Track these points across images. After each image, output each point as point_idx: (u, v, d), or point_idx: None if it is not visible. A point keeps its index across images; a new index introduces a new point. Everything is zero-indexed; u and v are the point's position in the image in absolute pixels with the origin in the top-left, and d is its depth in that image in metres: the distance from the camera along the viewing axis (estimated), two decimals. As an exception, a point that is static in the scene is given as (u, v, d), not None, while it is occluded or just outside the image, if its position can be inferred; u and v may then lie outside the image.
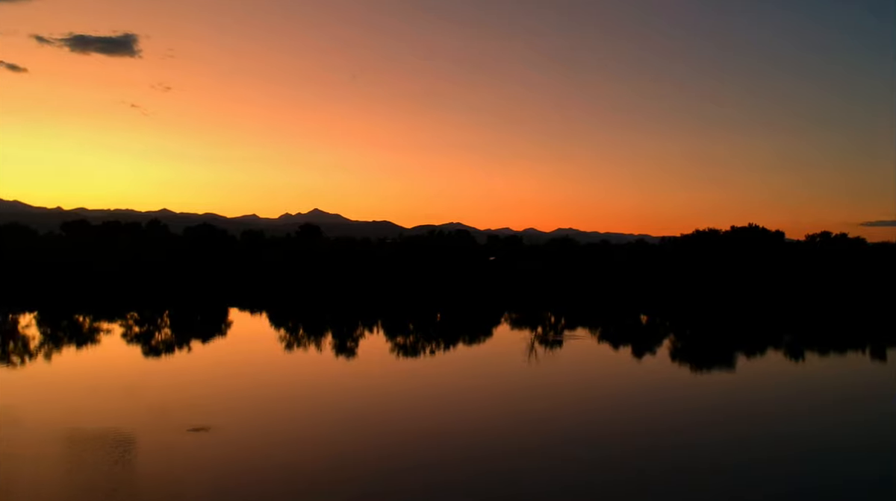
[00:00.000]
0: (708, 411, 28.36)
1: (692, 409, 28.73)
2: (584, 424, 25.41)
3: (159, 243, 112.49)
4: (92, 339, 47.47)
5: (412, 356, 43.04)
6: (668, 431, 24.32)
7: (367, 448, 21.34)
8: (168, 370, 36.61)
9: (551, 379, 34.96)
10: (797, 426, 25.80)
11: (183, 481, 17.59)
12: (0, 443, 20.84)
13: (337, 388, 32.24)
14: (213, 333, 53.51)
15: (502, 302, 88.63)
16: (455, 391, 31.66)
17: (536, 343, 46.90)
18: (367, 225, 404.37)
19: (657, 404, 29.54)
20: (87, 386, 30.55)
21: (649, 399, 30.84)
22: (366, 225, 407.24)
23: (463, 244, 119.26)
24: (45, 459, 19.19)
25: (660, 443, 22.55)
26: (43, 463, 18.83)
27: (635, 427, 24.87)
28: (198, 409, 25.70)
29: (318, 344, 47.49)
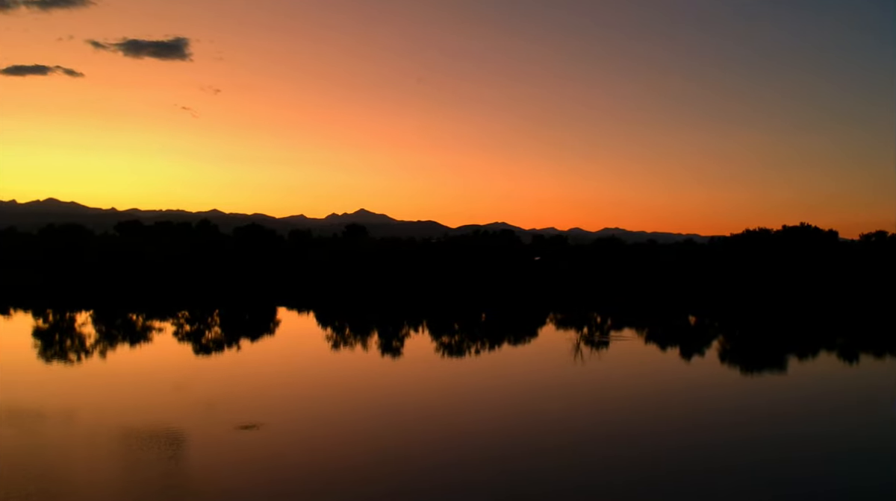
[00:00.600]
0: (756, 414, 27.83)
1: (740, 411, 28.21)
2: (627, 426, 25.14)
3: (209, 243, 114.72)
4: (144, 337, 48.64)
5: (457, 356, 43.15)
6: (715, 433, 23.95)
7: (414, 447, 21.48)
8: (217, 368, 37.33)
9: (596, 380, 34.69)
10: (848, 428, 25.17)
11: (232, 478, 17.92)
12: (57, 439, 21.54)
13: (382, 387, 32.46)
14: (262, 332, 54.37)
15: (547, 302, 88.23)
16: (499, 391, 31.61)
17: (582, 343, 46.59)
18: (413, 225, 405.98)
19: (703, 405, 29.08)
20: (139, 383, 31.30)
21: (695, 400, 30.37)
22: (411, 225, 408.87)
23: (507, 244, 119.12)
24: (100, 455, 19.73)
25: (705, 445, 22.23)
26: (98, 459, 19.37)
27: (679, 428, 24.54)
28: (247, 407, 26.16)
29: (364, 343, 47.92)
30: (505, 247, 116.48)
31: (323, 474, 18.45)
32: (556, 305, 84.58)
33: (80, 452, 20.00)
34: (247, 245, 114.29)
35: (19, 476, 17.38)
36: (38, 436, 21.78)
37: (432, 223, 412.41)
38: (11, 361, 37.44)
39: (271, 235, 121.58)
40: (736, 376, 38.94)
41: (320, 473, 18.52)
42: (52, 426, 23.15)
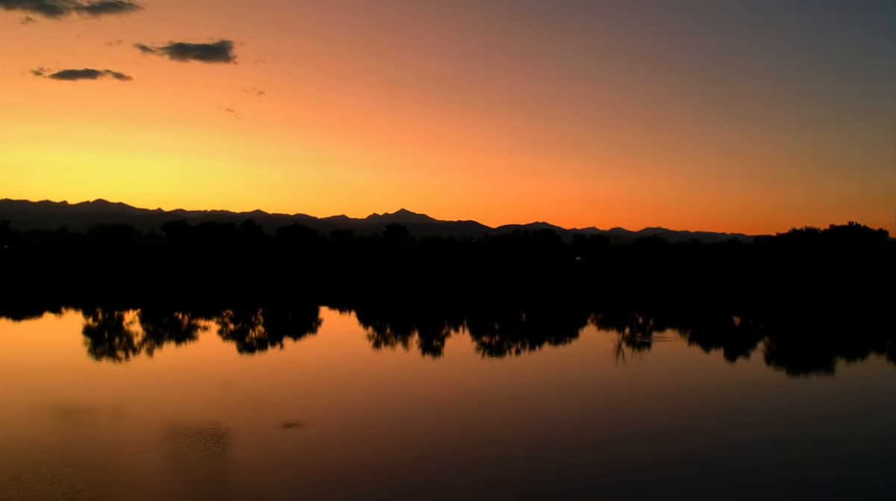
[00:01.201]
0: (795, 416, 27.36)
1: (779, 413, 27.75)
2: (660, 426, 24.89)
3: (253, 243, 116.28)
4: (190, 336, 49.59)
5: (497, 356, 43.16)
6: (747, 434, 23.61)
7: (453, 446, 21.57)
8: (261, 366, 37.90)
9: (636, 381, 34.40)
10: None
11: (277, 476, 18.22)
12: (106, 436, 22.12)
13: (423, 387, 32.66)
14: (304, 331, 55.00)
15: (588, 302, 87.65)
16: (539, 392, 31.59)
17: (624, 344, 46.23)
18: (453, 224, 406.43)
19: (743, 407, 28.64)
20: (186, 382, 31.97)
21: (735, 402, 29.91)
22: (451, 224, 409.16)
23: (548, 244, 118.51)
24: (148, 452, 20.20)
25: (736, 445, 21.94)
26: (146, 455, 19.84)
27: (711, 429, 24.24)
28: (290, 405, 26.55)
29: (405, 342, 48.19)
30: (545, 247, 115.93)
31: (364, 472, 18.65)
32: (597, 305, 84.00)
33: (128, 447, 20.51)
34: (289, 245, 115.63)
35: (70, 471, 17.92)
36: (90, 431, 22.41)
37: (472, 223, 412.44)
38: (64, 359, 38.50)
39: (313, 235, 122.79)
40: (781, 378, 38.32)
41: (361, 471, 18.72)
42: (102, 421, 23.79)
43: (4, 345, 44.24)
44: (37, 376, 32.40)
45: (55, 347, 43.51)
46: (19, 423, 22.96)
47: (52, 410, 24.93)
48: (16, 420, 23.31)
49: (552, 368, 39.23)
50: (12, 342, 46.40)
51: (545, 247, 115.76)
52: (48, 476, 17.26)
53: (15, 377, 32.16)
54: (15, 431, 21.81)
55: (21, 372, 33.44)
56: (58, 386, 29.80)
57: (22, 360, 37.69)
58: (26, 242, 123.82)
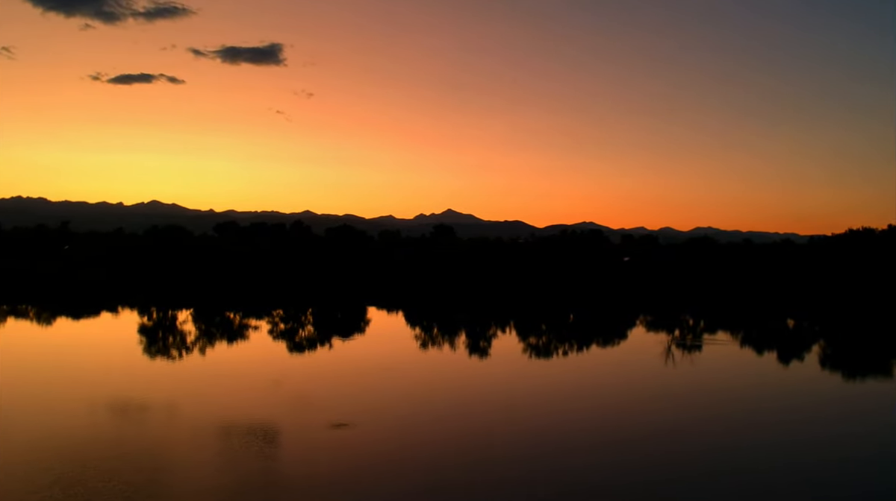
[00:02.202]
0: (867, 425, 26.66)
1: (841, 421, 27.08)
2: (704, 428, 24.50)
3: (302, 243, 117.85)
4: (241, 335, 50.45)
5: (544, 357, 42.99)
6: (809, 444, 23.10)
7: (499, 448, 21.56)
8: (311, 365, 38.38)
9: (686, 384, 33.92)
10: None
11: (326, 476, 18.47)
12: (162, 433, 22.69)
13: (470, 388, 32.68)
14: (353, 331, 55.51)
15: (637, 303, 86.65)
16: (587, 394, 31.39)
17: (673, 346, 45.61)
18: (500, 224, 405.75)
19: (797, 414, 28.03)
20: (237, 380, 32.52)
21: (787, 408, 29.28)
22: (498, 224, 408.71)
23: (596, 244, 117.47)
24: (201, 450, 20.65)
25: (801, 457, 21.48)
26: (199, 454, 20.27)
27: (759, 435, 23.77)
28: (338, 405, 26.85)
29: (452, 343, 48.30)
30: (593, 247, 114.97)
31: (411, 473, 18.78)
32: (646, 307, 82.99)
33: (183, 445, 21.00)
34: (338, 245, 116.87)
35: (129, 469, 18.44)
36: (146, 429, 23.02)
37: (519, 223, 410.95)
38: (120, 357, 39.54)
39: (361, 236, 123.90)
40: (836, 383, 37.33)
41: (409, 473, 18.85)
42: (157, 419, 24.42)
43: (63, 344, 45.65)
44: (94, 374, 33.38)
45: (112, 345, 44.72)
46: (79, 421, 23.66)
47: (109, 408, 25.67)
48: (75, 418, 24.02)
49: (600, 370, 38.92)
50: (71, 340, 47.87)
51: (593, 247, 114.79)
52: (108, 474, 17.76)
53: (73, 375, 33.15)
54: (75, 429, 22.48)
55: (79, 371, 34.47)
56: (115, 384, 30.65)
57: (80, 359, 38.85)
58: (85, 242, 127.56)
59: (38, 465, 18.16)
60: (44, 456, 18.94)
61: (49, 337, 49.33)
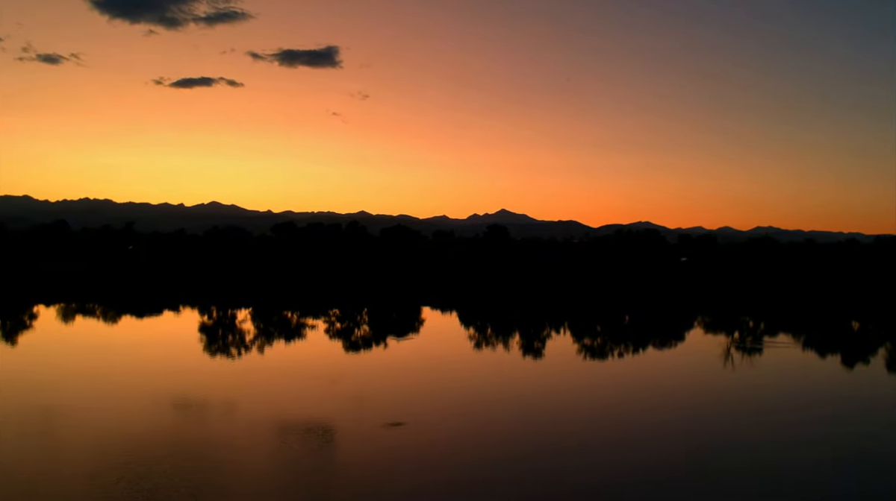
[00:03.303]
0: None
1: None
2: (769, 445, 23.96)
3: (357, 243, 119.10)
4: (298, 334, 51.30)
5: (598, 358, 42.62)
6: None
7: (552, 450, 21.47)
8: (366, 365, 38.80)
9: (746, 388, 33.24)
10: None
11: (384, 475, 18.67)
12: (222, 430, 23.25)
13: (525, 388, 32.55)
14: (407, 330, 55.89)
15: (695, 304, 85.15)
16: (640, 396, 31.00)
17: (733, 349, 44.74)
18: (554, 224, 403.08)
19: (863, 419, 27.20)
20: (294, 379, 33.10)
21: (854, 414, 28.44)
22: (552, 224, 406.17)
23: (652, 244, 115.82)
24: (259, 448, 21.07)
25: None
26: (256, 452, 20.69)
27: (836, 445, 23.15)
28: (394, 404, 27.12)
29: (506, 343, 48.26)
30: (649, 247, 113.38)
31: (466, 475, 18.85)
32: (704, 308, 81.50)
33: (242, 442, 21.43)
34: (392, 245, 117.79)
35: (190, 465, 18.98)
36: (207, 426, 23.63)
37: (573, 223, 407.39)
38: (182, 355, 40.65)
39: (416, 236, 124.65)
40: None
41: (464, 473, 18.93)
42: (217, 416, 25.03)
43: (128, 342, 47.10)
44: (157, 372, 34.37)
45: (174, 344, 45.96)
46: (142, 418, 24.42)
47: (171, 405, 26.43)
48: (139, 415, 24.80)
49: (656, 373, 38.40)
50: (135, 339, 49.37)
51: (649, 248, 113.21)
52: (171, 471, 18.29)
53: (136, 372, 34.19)
54: (139, 426, 23.22)
55: (142, 368, 35.55)
56: (176, 382, 31.51)
57: (143, 357, 40.04)
58: (148, 243, 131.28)
59: (103, 462, 18.77)
60: (109, 453, 19.57)
61: (114, 335, 50.98)
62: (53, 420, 23.87)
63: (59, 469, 18.44)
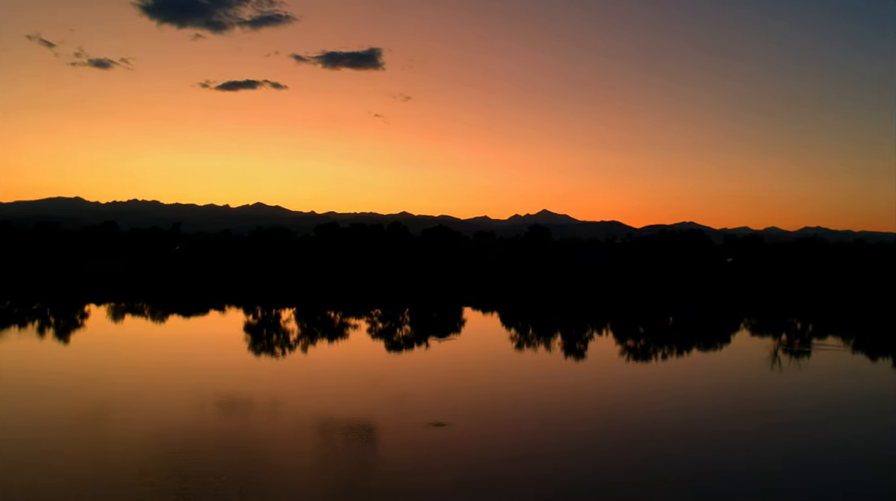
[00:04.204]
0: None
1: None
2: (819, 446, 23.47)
3: (399, 244, 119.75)
4: (341, 334, 51.81)
5: (642, 360, 42.20)
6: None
7: (603, 450, 21.37)
8: (408, 364, 39.03)
9: (794, 392, 32.62)
10: None
11: (427, 474, 18.78)
12: (267, 429, 23.60)
13: (568, 390, 32.42)
14: (449, 331, 56.01)
15: (741, 306, 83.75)
16: (686, 401, 30.62)
17: (780, 351, 43.93)
18: (596, 225, 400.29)
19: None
20: (337, 378, 33.46)
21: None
22: (594, 225, 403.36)
23: (696, 244, 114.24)
24: (303, 446, 21.31)
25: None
26: (301, 450, 20.93)
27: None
28: (436, 404, 27.22)
29: (548, 344, 48.10)
30: (693, 248, 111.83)
31: (509, 475, 18.86)
32: (750, 310, 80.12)
33: (287, 440, 21.71)
34: (434, 246, 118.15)
35: (236, 461, 19.33)
36: (253, 424, 24.01)
37: (615, 223, 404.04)
38: (227, 354, 41.36)
39: (457, 236, 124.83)
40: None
41: (508, 474, 18.94)
42: (261, 414, 25.40)
43: (175, 341, 48.07)
44: (203, 369, 35.04)
45: (219, 343, 46.76)
46: (189, 415, 24.93)
47: (218, 402, 26.90)
48: (186, 412, 25.31)
49: (700, 375, 37.88)
50: (182, 337, 50.35)
51: (693, 248, 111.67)
52: (218, 467, 18.67)
53: (183, 370, 34.90)
54: (186, 423, 23.71)
55: (188, 366, 36.28)
56: (222, 379, 32.06)
57: (189, 355, 40.85)
58: (195, 244, 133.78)
59: (153, 458, 19.21)
60: (158, 449, 20.04)
61: (162, 333, 52.07)
62: (104, 416, 24.51)
63: (110, 463, 18.87)
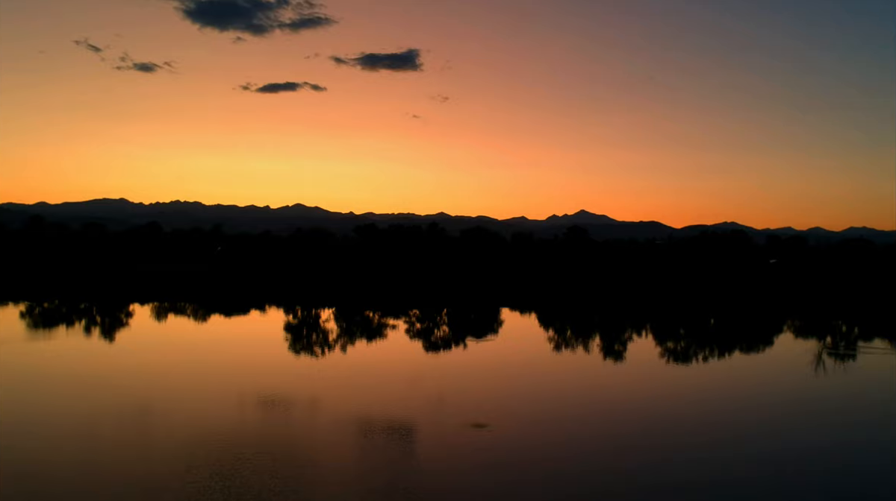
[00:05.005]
0: None
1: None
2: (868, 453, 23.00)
3: (437, 245, 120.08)
4: (380, 334, 52.16)
5: (682, 362, 41.74)
6: None
7: (642, 453, 21.23)
8: (446, 365, 39.12)
9: (838, 396, 32.00)
10: None
11: (470, 474, 18.84)
12: (307, 429, 23.90)
13: (608, 391, 32.23)
14: (487, 332, 56.04)
15: (784, 308, 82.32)
16: (726, 401, 30.23)
17: (824, 355, 43.11)
18: (635, 225, 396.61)
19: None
20: (376, 378, 33.72)
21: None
22: (633, 225, 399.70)
23: (739, 245, 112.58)
24: (344, 446, 21.50)
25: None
26: (342, 451, 21.13)
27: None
28: (476, 405, 27.24)
29: (587, 346, 47.85)
30: (735, 249, 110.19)
31: (553, 478, 18.86)
32: (794, 311, 78.72)
33: (326, 441, 21.94)
34: (471, 246, 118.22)
35: (278, 462, 19.62)
36: (293, 424, 24.33)
37: (655, 223, 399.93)
38: (268, 354, 41.95)
39: (495, 237, 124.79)
40: None
41: (550, 477, 18.94)
42: (302, 414, 25.69)
43: (216, 340, 48.88)
44: (244, 369, 35.59)
45: (260, 342, 47.44)
46: (230, 415, 25.38)
47: (258, 402, 27.29)
48: (227, 412, 25.77)
49: (742, 378, 37.35)
50: (223, 337, 51.18)
51: (735, 249, 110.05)
52: (260, 468, 18.94)
53: (225, 370, 35.49)
54: (227, 423, 24.14)
55: (230, 366, 36.86)
56: (263, 379, 32.52)
57: (231, 355, 41.50)
58: (236, 244, 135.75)
59: (196, 458, 19.51)
60: (201, 448, 20.36)
61: (204, 333, 52.99)
62: (148, 415, 25.06)
63: (154, 461, 19.26)
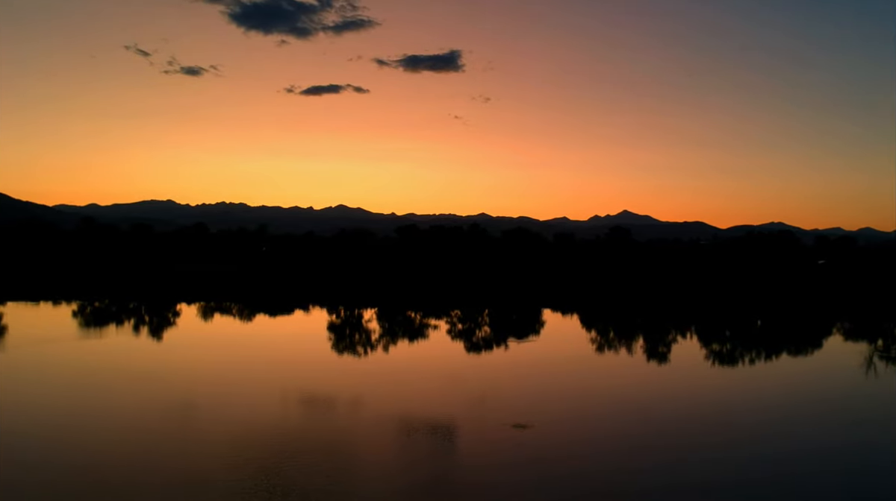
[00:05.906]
0: None
1: None
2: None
3: (478, 245, 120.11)
4: (422, 334, 52.41)
5: (728, 364, 41.12)
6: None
7: (683, 455, 21.03)
8: (488, 365, 39.16)
9: (891, 403, 31.24)
10: None
11: (512, 476, 18.87)
12: (349, 428, 24.18)
13: (651, 394, 31.91)
14: (528, 332, 55.92)
15: (834, 309, 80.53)
16: (770, 403, 29.72)
17: (875, 357, 42.10)
18: (679, 226, 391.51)
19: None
20: (418, 378, 33.89)
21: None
22: (677, 226, 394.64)
23: (786, 246, 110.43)
24: (386, 445, 21.72)
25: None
26: (384, 449, 21.37)
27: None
28: (517, 406, 27.27)
29: (629, 347, 47.43)
30: (783, 250, 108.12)
31: (593, 479, 18.81)
32: (843, 313, 76.95)
33: (369, 440, 22.19)
34: (513, 247, 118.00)
35: (322, 460, 19.89)
36: (336, 423, 24.64)
37: (700, 224, 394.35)
38: (311, 353, 42.49)
39: (536, 238, 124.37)
40: None
41: (591, 478, 18.89)
42: (345, 413, 26.00)
43: (261, 339, 49.64)
44: (288, 368, 36.12)
45: (304, 341, 48.05)
46: (275, 413, 25.78)
47: (302, 401, 27.71)
48: (272, 411, 26.18)
49: (790, 381, 36.63)
50: (268, 336, 51.95)
51: (783, 250, 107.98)
52: (305, 466, 19.20)
53: (270, 369, 36.03)
54: (272, 421, 24.53)
55: (274, 365, 37.41)
56: (307, 378, 33.03)
57: (275, 353, 42.12)
58: (280, 244, 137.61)
59: (242, 456, 19.83)
60: (247, 447, 20.68)
61: (249, 332, 53.84)
62: (194, 412, 25.60)
63: (200, 459, 19.66)
